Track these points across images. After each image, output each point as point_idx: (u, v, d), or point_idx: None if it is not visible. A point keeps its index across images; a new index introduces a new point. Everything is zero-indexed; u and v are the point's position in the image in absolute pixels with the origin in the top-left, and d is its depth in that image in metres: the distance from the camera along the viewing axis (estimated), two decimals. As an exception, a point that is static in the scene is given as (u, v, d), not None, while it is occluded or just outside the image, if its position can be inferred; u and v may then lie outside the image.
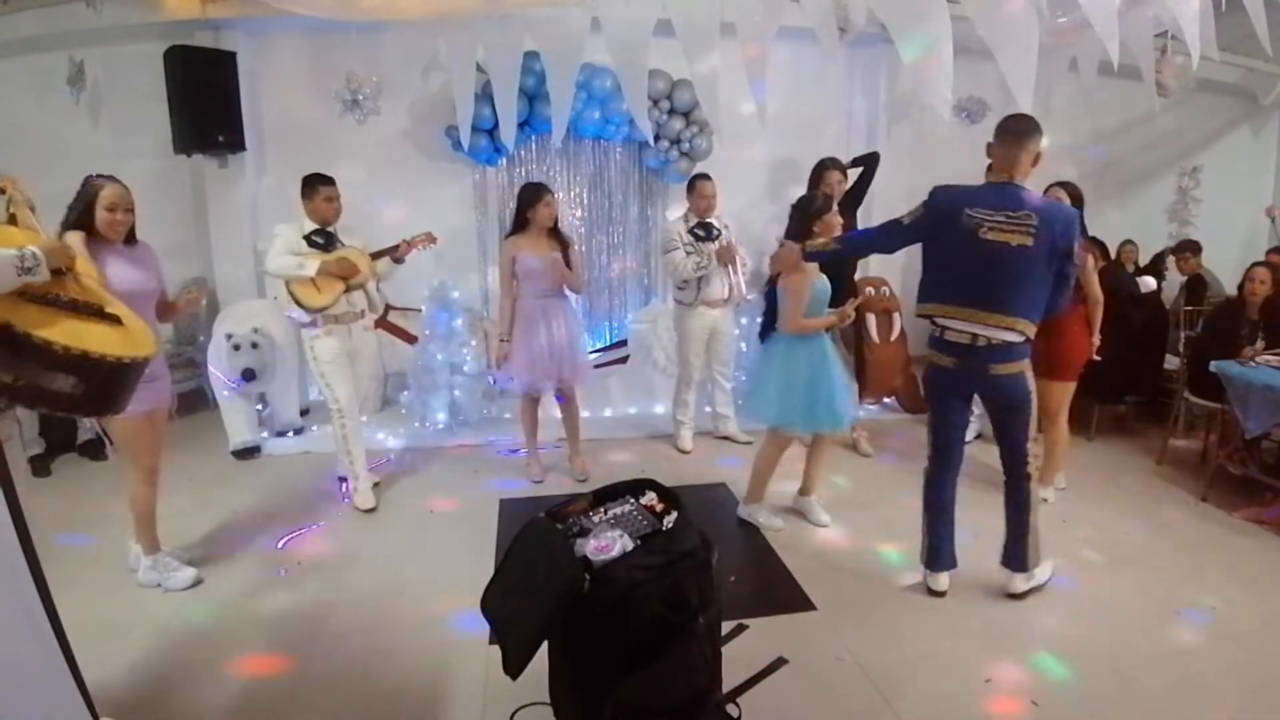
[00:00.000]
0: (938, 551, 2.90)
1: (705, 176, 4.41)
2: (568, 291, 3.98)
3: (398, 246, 3.76)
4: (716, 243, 4.30)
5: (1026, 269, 2.52)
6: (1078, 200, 3.43)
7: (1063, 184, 3.49)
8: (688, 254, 4.25)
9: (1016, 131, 2.61)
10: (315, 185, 3.56)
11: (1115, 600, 2.88)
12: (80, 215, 2.61)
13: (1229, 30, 4.19)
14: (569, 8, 4.09)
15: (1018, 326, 2.56)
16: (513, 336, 3.87)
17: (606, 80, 5.06)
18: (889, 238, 2.84)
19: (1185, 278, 5.66)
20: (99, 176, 2.68)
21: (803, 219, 3.26)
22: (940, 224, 2.62)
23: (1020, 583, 2.86)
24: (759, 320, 3.61)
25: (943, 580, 2.91)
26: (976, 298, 2.57)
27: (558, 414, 4.20)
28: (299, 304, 3.54)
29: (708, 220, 4.33)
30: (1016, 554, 2.84)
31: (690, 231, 4.30)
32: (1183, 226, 6.87)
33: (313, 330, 3.59)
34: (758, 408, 3.43)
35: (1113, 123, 6.49)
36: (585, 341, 4.45)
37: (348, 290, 3.60)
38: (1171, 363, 4.84)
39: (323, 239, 3.56)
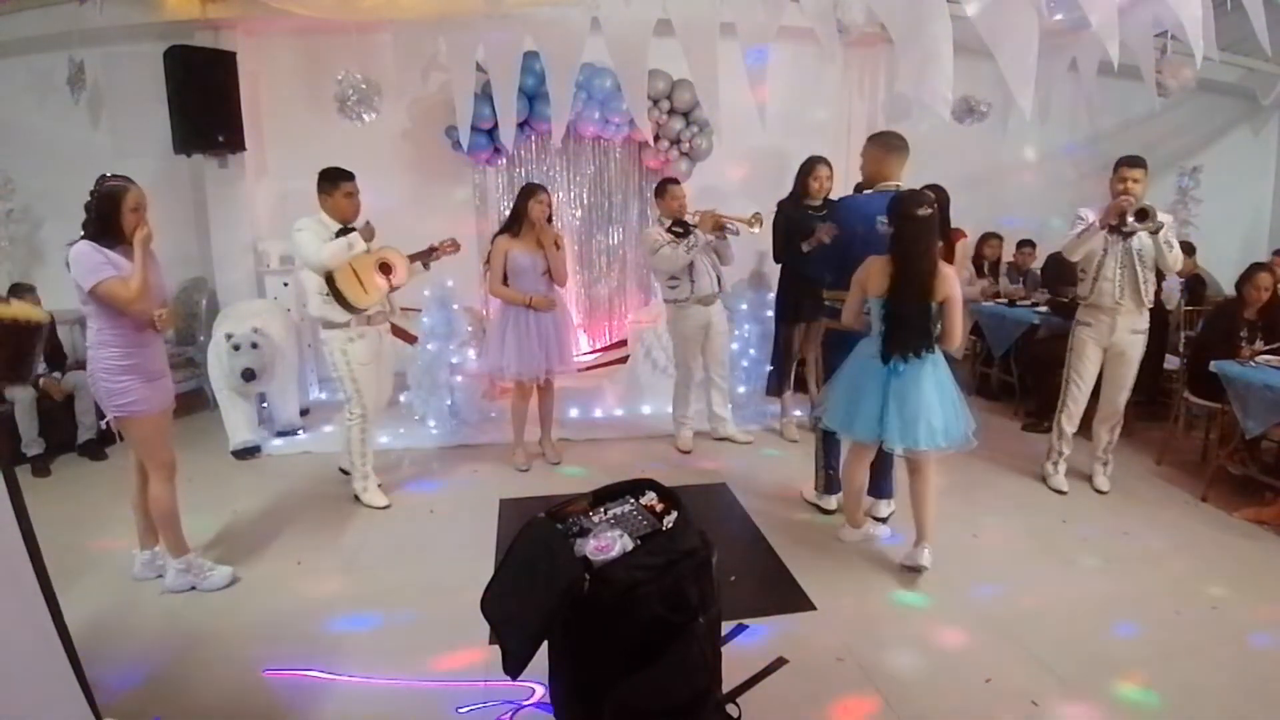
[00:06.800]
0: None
1: (675, 181, 4.50)
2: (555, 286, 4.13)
3: (431, 250, 3.75)
4: (696, 228, 4.25)
5: None
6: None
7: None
8: (674, 248, 4.24)
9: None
10: (336, 180, 3.48)
11: (1115, 600, 2.88)
12: (105, 219, 2.58)
13: (1229, 30, 4.19)
14: (569, 7, 4.10)
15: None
16: (503, 328, 4.06)
17: (606, 80, 5.06)
18: None
19: (1182, 279, 5.65)
20: (115, 177, 2.63)
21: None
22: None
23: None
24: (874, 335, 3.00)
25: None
26: None
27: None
28: (346, 304, 3.44)
29: (682, 219, 4.32)
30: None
31: (669, 230, 4.30)
32: (1182, 227, 6.86)
33: (347, 332, 3.51)
34: (937, 433, 2.89)
35: (1112, 123, 6.50)
36: (574, 337, 4.52)
37: (391, 290, 3.60)
38: (1171, 362, 4.84)
39: None
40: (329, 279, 3.42)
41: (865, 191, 3.34)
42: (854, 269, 3.00)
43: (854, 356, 3.06)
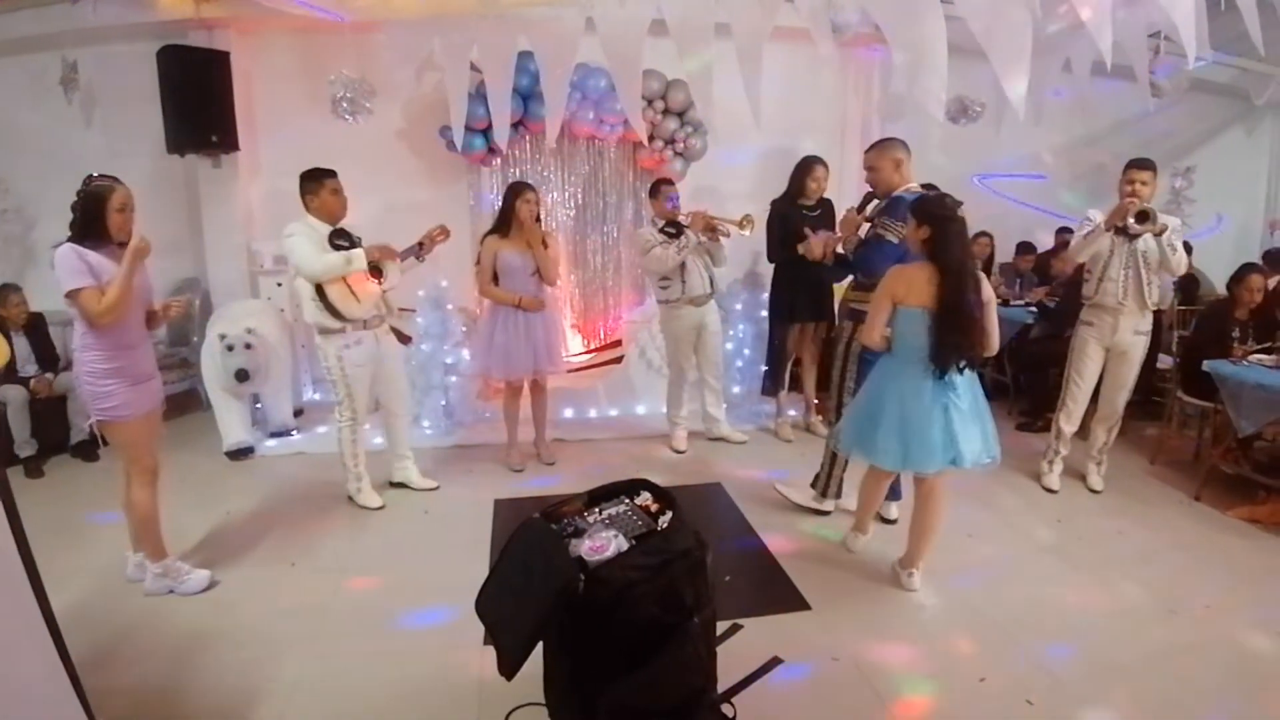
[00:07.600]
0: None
1: (668, 181, 4.49)
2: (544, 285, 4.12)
3: (421, 244, 3.73)
4: (688, 229, 4.23)
5: None
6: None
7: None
8: (665, 248, 4.22)
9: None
10: (320, 178, 3.43)
11: (1110, 599, 2.89)
12: (90, 219, 2.56)
13: (1222, 30, 4.20)
14: (563, 7, 4.09)
15: None
16: (492, 328, 4.06)
17: (601, 80, 5.06)
18: None
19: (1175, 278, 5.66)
20: (101, 177, 2.61)
21: None
22: None
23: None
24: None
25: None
26: None
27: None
28: (338, 315, 3.41)
29: (675, 220, 4.31)
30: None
31: (661, 231, 4.30)
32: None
33: (343, 339, 3.48)
34: (992, 443, 2.79)
35: (1106, 123, 6.51)
36: (564, 337, 4.52)
37: (384, 291, 3.58)
38: (1165, 361, 4.86)
39: (347, 242, 3.47)
40: (319, 289, 3.39)
41: (905, 189, 3.19)
42: None
43: (888, 383, 2.77)
